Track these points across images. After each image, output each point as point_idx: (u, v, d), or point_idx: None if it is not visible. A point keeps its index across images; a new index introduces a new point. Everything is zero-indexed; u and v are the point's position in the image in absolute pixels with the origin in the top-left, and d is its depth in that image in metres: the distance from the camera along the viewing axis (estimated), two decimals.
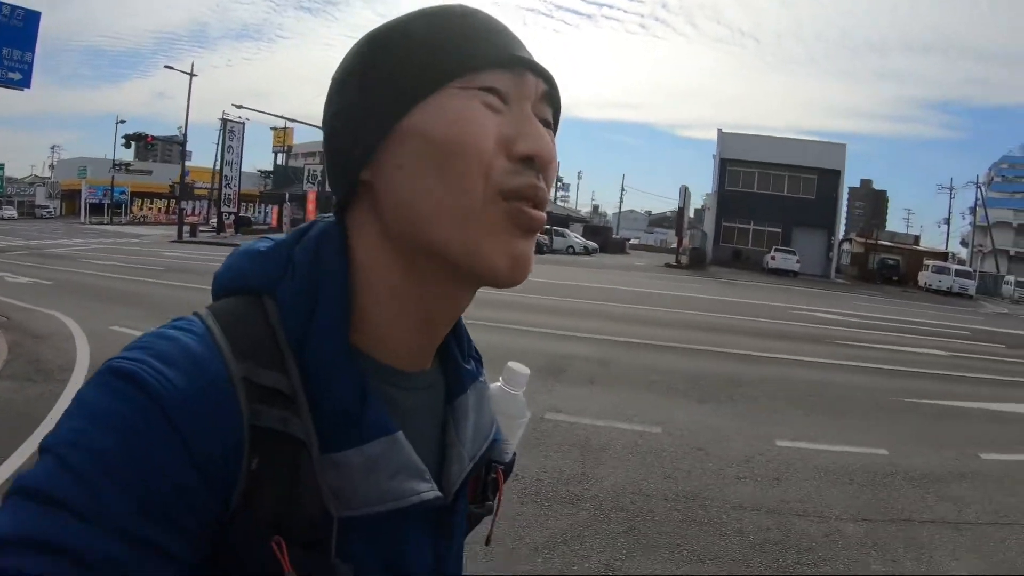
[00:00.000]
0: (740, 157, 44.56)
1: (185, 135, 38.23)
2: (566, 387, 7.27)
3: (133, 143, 39.84)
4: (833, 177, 43.74)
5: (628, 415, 6.38)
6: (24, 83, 19.47)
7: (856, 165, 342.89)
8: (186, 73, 36.35)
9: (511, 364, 0.78)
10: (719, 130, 46.02)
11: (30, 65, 19.40)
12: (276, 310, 0.58)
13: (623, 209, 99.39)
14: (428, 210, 0.58)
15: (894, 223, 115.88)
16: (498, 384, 0.78)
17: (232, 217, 39.11)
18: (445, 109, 0.58)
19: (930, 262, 43.69)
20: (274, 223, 41.98)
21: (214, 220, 40.04)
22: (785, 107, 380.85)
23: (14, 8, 18.96)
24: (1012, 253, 65.22)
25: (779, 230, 43.48)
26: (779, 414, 7.02)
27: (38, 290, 13.75)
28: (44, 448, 0.48)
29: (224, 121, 37.71)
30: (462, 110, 0.58)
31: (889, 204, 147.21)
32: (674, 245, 47.83)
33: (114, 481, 0.46)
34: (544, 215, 0.61)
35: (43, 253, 23.68)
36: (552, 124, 0.65)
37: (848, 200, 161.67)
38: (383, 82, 0.60)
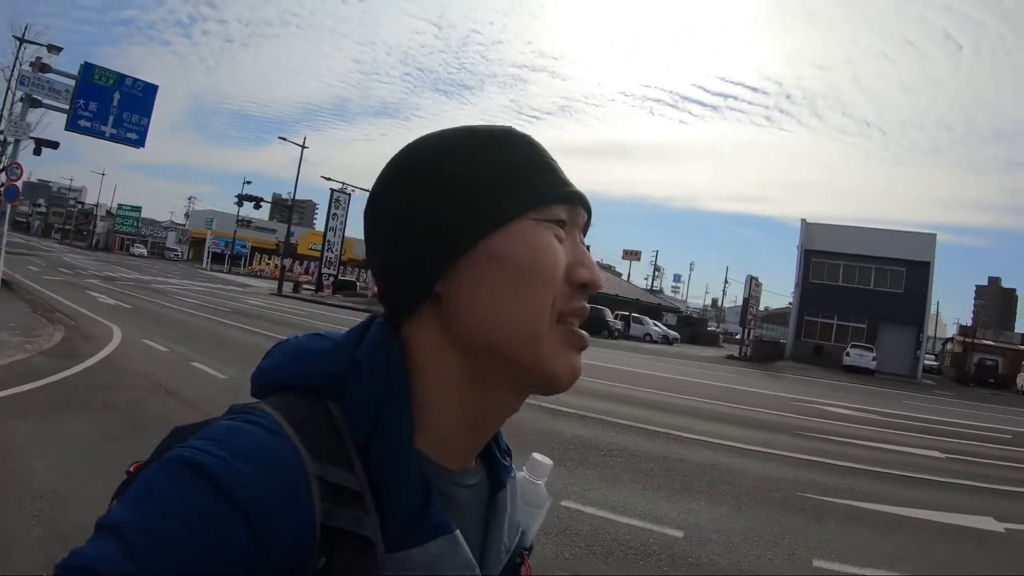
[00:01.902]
0: (825, 248, 43.41)
1: (293, 200, 41.95)
2: None
3: (258, 202, 43.53)
4: (923, 269, 41.39)
5: None
6: (139, 143, 23.15)
7: (983, 262, 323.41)
8: (298, 145, 40.18)
9: (536, 456, 0.82)
10: (803, 220, 44.96)
11: (146, 128, 23.08)
12: (340, 411, 0.60)
13: (737, 303, 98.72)
14: (504, 328, 0.62)
15: None
16: (522, 474, 0.81)
17: (331, 279, 42.24)
18: (528, 238, 0.63)
19: None
20: (374, 291, 44.27)
21: (327, 280, 43.56)
22: (910, 199, 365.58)
23: (135, 80, 22.86)
24: None
25: (864, 325, 41.70)
26: (609, 483, 6.86)
27: (115, 310, 16.63)
28: (104, 526, 0.48)
29: (332, 192, 41.01)
30: (543, 241, 0.64)
31: (1019, 303, 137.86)
32: (782, 341, 46.89)
33: (176, 566, 0.46)
34: (587, 336, 0.68)
35: (146, 287, 27.11)
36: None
37: (975, 299, 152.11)
38: (468, 204, 0.63)
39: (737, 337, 48.05)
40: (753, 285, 38.03)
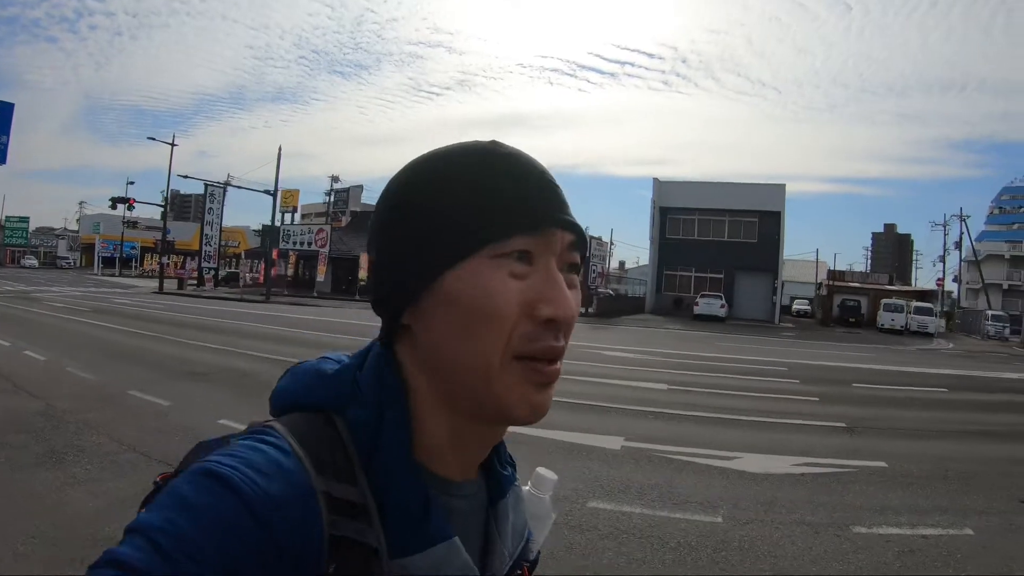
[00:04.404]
0: (679, 204, 45.10)
1: (167, 199, 42.82)
2: (186, 383, 10.04)
3: (129, 203, 43.88)
4: (775, 219, 43.63)
5: (162, 393, 8.80)
6: (0, 160, 24.39)
7: (882, 210, 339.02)
8: (168, 143, 40.73)
9: (540, 470, 0.86)
10: (654, 179, 46.30)
11: (6, 145, 24.15)
12: (346, 428, 0.64)
13: (640, 264, 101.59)
14: (455, 365, 0.64)
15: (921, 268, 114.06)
16: (526, 488, 0.84)
17: (212, 272, 43.54)
18: (476, 281, 0.63)
19: (885, 300, 43.90)
20: (260, 279, 45.48)
21: (208, 274, 44.67)
22: (809, 154, 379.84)
23: None
24: (1006, 287, 64.42)
25: (721, 276, 43.81)
26: (238, 395, 9.06)
27: None
28: (133, 530, 0.53)
29: (206, 186, 42.02)
30: (491, 284, 0.63)
31: (914, 248, 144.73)
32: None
33: (200, 565, 0.50)
34: (559, 368, 0.67)
35: (24, 296, 28.06)
36: (580, 263, 0.70)
37: (871, 245, 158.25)
38: (418, 243, 0.65)
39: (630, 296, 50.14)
40: (596, 244, 40.03)
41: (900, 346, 30.00)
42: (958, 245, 58.26)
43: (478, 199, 0.65)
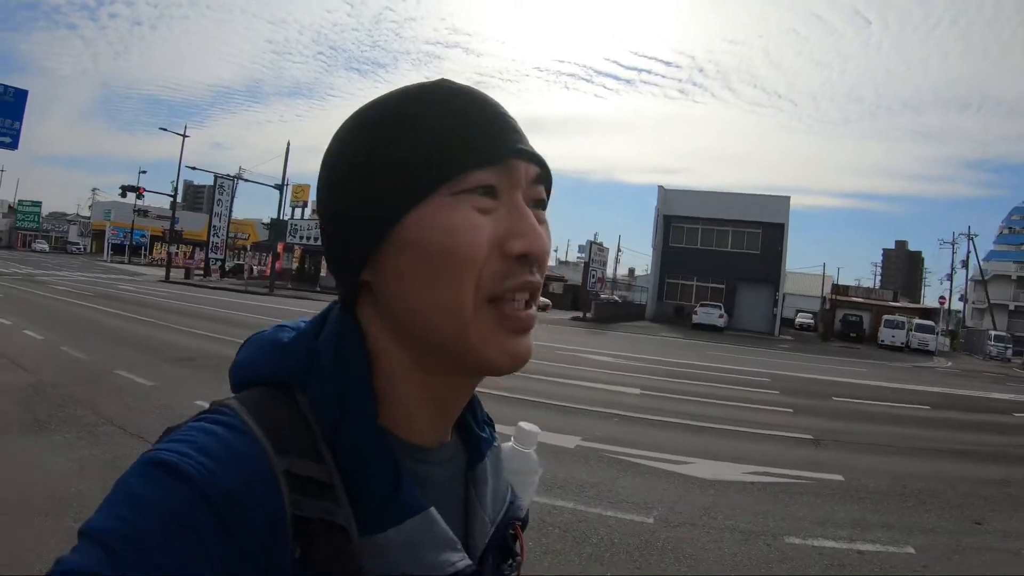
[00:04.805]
0: (683, 213, 45.15)
1: (176, 189, 43.29)
2: (172, 366, 10.36)
3: (139, 192, 44.31)
4: (778, 231, 43.53)
5: (148, 375, 9.16)
6: (13, 146, 24.97)
7: (892, 226, 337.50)
8: (179, 134, 41.65)
9: (523, 424, 0.80)
10: (660, 187, 46.44)
11: (18, 131, 24.84)
12: (307, 403, 0.61)
13: (648, 272, 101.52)
14: (426, 316, 0.60)
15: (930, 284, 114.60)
16: (510, 444, 0.80)
17: (219, 263, 43.95)
18: (436, 220, 0.59)
19: (886, 317, 43.79)
20: (267, 271, 46.24)
21: (214, 265, 45.19)
22: (822, 169, 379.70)
23: (6, 87, 24.65)
24: (1012, 308, 64.10)
25: (722, 286, 43.63)
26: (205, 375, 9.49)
27: None
28: (86, 534, 0.49)
29: (215, 177, 42.54)
30: (454, 221, 0.59)
31: (924, 265, 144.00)
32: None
33: (154, 564, 0.48)
34: (535, 313, 0.63)
35: (30, 280, 28.57)
36: (545, 199, 0.67)
37: (882, 262, 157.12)
38: (372, 190, 0.61)
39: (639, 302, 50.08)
40: (596, 250, 40.48)
41: (897, 363, 29.68)
42: (965, 264, 57.97)
43: (432, 136, 0.61)
